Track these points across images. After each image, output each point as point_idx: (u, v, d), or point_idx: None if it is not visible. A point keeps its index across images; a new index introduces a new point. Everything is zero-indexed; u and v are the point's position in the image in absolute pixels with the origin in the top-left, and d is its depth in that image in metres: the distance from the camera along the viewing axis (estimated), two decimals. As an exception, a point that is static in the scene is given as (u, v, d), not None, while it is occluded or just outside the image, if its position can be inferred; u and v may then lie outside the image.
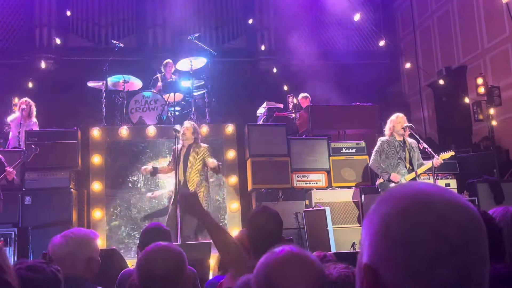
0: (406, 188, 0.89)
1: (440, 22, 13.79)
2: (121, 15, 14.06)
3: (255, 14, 14.30)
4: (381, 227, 0.86)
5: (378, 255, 0.86)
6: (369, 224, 0.90)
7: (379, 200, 0.91)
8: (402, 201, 0.86)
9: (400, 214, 0.85)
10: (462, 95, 11.73)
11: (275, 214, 3.02)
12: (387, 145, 6.83)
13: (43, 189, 7.34)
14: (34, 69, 12.84)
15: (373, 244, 0.87)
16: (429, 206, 0.84)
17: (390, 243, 0.84)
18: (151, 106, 8.43)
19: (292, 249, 1.46)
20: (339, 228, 7.45)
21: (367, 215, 0.92)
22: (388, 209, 0.87)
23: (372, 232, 0.88)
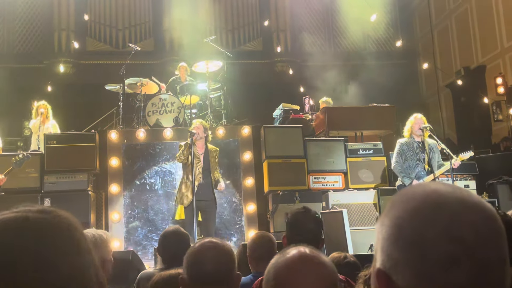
0: (417, 188, 0.87)
1: (458, 22, 13.64)
2: (138, 18, 14.19)
3: (271, 16, 14.31)
4: (393, 230, 0.84)
5: (390, 259, 0.83)
6: (381, 227, 0.87)
7: (391, 202, 0.89)
8: (412, 202, 0.84)
9: (411, 216, 0.82)
10: (481, 95, 11.58)
11: (315, 214, 3.01)
12: (406, 147, 6.78)
13: (62, 192, 7.41)
14: (53, 73, 13.03)
15: (385, 248, 0.84)
16: (441, 206, 0.81)
17: (402, 246, 0.81)
18: (168, 109, 8.47)
19: (304, 250, 1.44)
20: (357, 230, 7.38)
21: (379, 218, 0.90)
22: (399, 212, 0.85)
23: (384, 236, 0.85)
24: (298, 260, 1.40)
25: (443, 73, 13.57)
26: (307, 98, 10.43)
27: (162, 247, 3.31)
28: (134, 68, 9.61)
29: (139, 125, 8.42)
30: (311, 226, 2.92)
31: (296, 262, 1.40)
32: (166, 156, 8.21)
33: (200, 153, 6.74)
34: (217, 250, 2.02)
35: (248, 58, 13.83)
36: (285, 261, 1.41)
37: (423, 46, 15.27)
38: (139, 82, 8.66)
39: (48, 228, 0.92)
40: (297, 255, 1.42)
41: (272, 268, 1.43)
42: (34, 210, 0.96)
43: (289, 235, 2.94)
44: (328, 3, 14.57)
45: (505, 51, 11.82)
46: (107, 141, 8.11)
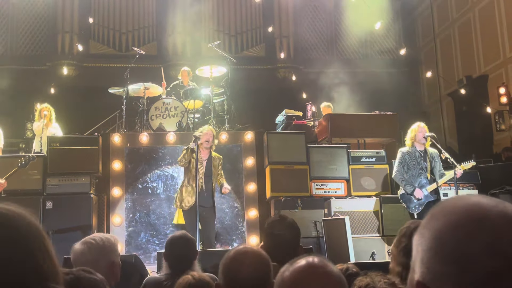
0: (458, 201, 0.86)
1: (461, 31, 13.68)
2: (141, 22, 14.21)
3: (274, 22, 14.35)
4: (433, 243, 0.83)
5: (431, 272, 0.83)
6: (421, 239, 0.87)
7: (430, 214, 0.88)
8: (454, 216, 0.83)
9: (452, 229, 0.82)
10: (483, 105, 11.60)
11: (291, 222, 2.99)
12: (408, 156, 6.78)
13: (64, 194, 7.40)
14: (56, 75, 13.04)
15: (425, 261, 0.84)
16: (483, 220, 0.80)
17: (443, 260, 0.81)
18: (171, 113, 8.48)
19: (312, 260, 1.43)
20: (358, 238, 7.38)
21: (418, 230, 0.89)
22: (440, 224, 0.84)
23: (424, 248, 0.85)
24: (305, 270, 1.39)
25: (445, 81, 13.60)
26: (309, 104, 10.44)
27: (169, 252, 3.31)
28: (137, 72, 9.61)
29: (142, 129, 8.42)
30: (287, 234, 2.91)
31: (303, 272, 1.39)
32: (169, 160, 8.20)
33: (204, 159, 6.75)
34: (255, 257, 2.01)
35: (251, 64, 13.85)
36: (293, 272, 1.40)
37: (425, 54, 15.31)
38: (143, 86, 8.67)
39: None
40: (304, 265, 1.41)
41: (279, 279, 1.42)
42: None
43: (266, 244, 2.93)
44: (331, 10, 14.62)
45: (508, 61, 11.85)
46: (110, 144, 8.11)
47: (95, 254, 2.49)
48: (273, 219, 3.01)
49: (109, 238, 3.00)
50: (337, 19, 14.80)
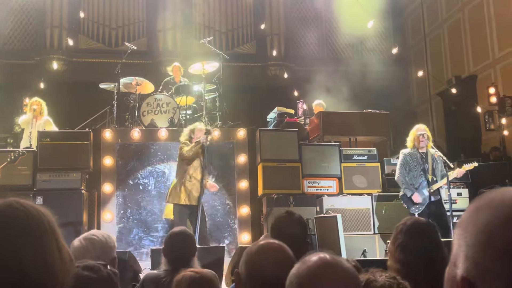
0: (505, 194, 0.83)
1: (451, 31, 13.78)
2: (131, 18, 14.11)
3: (266, 19, 14.32)
4: (481, 238, 0.80)
5: (478, 268, 0.80)
6: (465, 233, 0.84)
7: (474, 208, 0.85)
8: (504, 209, 0.80)
9: (503, 223, 0.79)
10: (472, 104, 11.70)
11: (299, 218, 3.00)
12: (409, 157, 6.84)
13: (54, 190, 7.32)
14: (45, 70, 12.90)
15: (471, 256, 0.81)
16: None
17: (494, 254, 0.78)
18: (163, 109, 8.43)
19: (325, 257, 1.42)
20: (350, 236, 7.41)
21: (460, 224, 0.86)
22: (488, 218, 0.81)
23: (470, 243, 0.82)
24: (321, 268, 1.38)
25: (435, 80, 13.69)
26: (300, 102, 10.44)
27: (168, 248, 3.28)
28: (127, 68, 9.54)
29: (133, 125, 8.37)
30: (295, 230, 2.91)
31: (319, 269, 1.37)
32: (160, 156, 8.16)
33: (202, 156, 6.74)
34: (279, 252, 1.98)
35: (242, 61, 13.82)
36: (308, 270, 1.39)
37: (415, 54, 15.39)
38: (134, 81, 8.60)
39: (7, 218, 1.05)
40: (320, 262, 1.40)
41: (294, 278, 1.40)
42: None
43: (274, 239, 2.92)
44: (322, 9, 14.64)
45: (497, 61, 11.96)
46: (101, 140, 8.04)
47: (99, 250, 2.47)
48: (281, 215, 3.01)
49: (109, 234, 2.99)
50: (329, 17, 14.82)
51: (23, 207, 1.08)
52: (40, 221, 1.09)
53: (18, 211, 1.07)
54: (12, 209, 1.07)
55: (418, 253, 2.66)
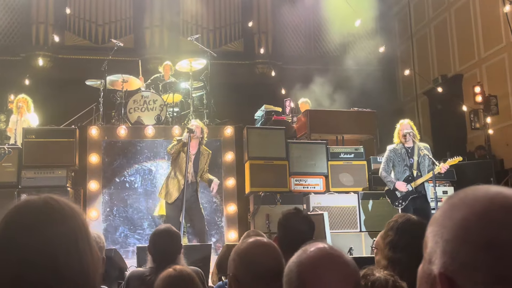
0: (478, 191, 0.85)
1: (437, 31, 13.89)
2: (118, 14, 14.01)
3: (253, 17, 14.31)
4: (459, 233, 0.82)
5: (455, 262, 0.81)
6: (441, 230, 0.85)
7: (450, 205, 0.87)
8: (479, 205, 0.82)
9: (480, 218, 0.81)
10: (458, 103, 11.80)
11: (307, 216, 3.00)
12: (393, 153, 6.86)
13: (40, 187, 7.22)
14: (31, 66, 12.77)
15: (449, 251, 0.82)
16: (510, 208, 0.80)
17: (472, 248, 0.79)
18: (150, 106, 8.38)
19: (325, 247, 1.42)
20: (336, 233, 7.43)
21: (434, 221, 0.88)
22: (464, 213, 0.83)
23: (447, 238, 0.83)
24: (323, 258, 1.37)
25: (421, 79, 13.78)
26: (288, 100, 10.45)
27: (153, 246, 3.27)
28: (114, 65, 9.46)
29: (120, 122, 8.31)
30: (303, 227, 2.92)
31: (321, 260, 1.37)
32: (147, 154, 8.12)
33: (192, 153, 6.70)
34: (272, 247, 1.98)
35: (229, 59, 13.79)
36: (309, 259, 1.38)
37: (402, 53, 15.48)
38: (121, 79, 8.54)
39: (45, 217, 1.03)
40: (321, 253, 1.39)
41: (295, 267, 1.40)
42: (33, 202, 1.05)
43: (281, 236, 2.93)
44: (310, 7, 14.64)
45: (482, 61, 12.08)
46: (87, 137, 7.98)
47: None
48: (289, 211, 3.01)
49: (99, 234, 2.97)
50: (316, 15, 14.84)
51: (59, 206, 1.07)
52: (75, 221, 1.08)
53: (55, 210, 1.06)
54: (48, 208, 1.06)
55: (408, 252, 2.66)
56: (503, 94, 11.08)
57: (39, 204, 1.06)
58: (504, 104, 10.97)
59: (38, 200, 1.08)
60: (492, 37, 11.62)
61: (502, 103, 10.91)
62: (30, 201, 1.07)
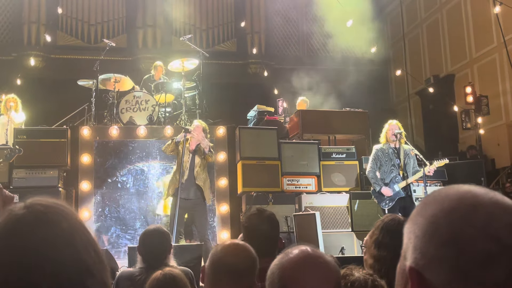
0: (450, 189, 0.89)
1: (429, 31, 13.95)
2: (111, 14, 13.98)
3: (246, 17, 14.32)
4: (428, 228, 0.85)
5: (424, 257, 0.84)
6: (414, 226, 0.88)
7: (423, 203, 0.90)
8: (448, 202, 0.85)
9: (447, 214, 0.84)
10: (449, 104, 11.86)
11: (270, 215, 3.00)
12: (381, 152, 6.86)
13: (31, 188, 7.20)
14: (23, 66, 12.72)
15: (419, 246, 0.85)
16: (477, 206, 0.83)
17: (438, 244, 0.83)
18: (142, 107, 8.37)
19: (307, 250, 1.44)
20: (328, 233, 7.45)
21: (410, 219, 0.91)
22: (434, 210, 0.86)
23: (418, 234, 0.86)
24: (304, 260, 1.40)
25: (413, 80, 13.84)
26: (280, 100, 10.47)
27: (142, 246, 3.27)
28: (106, 65, 9.45)
29: (112, 122, 8.30)
30: (266, 227, 2.92)
31: (302, 262, 1.39)
32: (139, 154, 8.11)
33: (191, 152, 6.71)
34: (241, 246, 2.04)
35: (222, 59, 13.80)
36: (290, 262, 1.41)
37: (394, 53, 15.54)
38: (113, 78, 8.53)
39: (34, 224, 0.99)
40: (302, 255, 1.42)
41: (276, 269, 1.42)
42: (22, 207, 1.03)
43: (245, 238, 2.94)
44: (303, 7, 14.68)
45: (474, 61, 12.14)
46: (79, 137, 7.96)
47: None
48: (251, 212, 3.02)
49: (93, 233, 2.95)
50: (309, 16, 14.87)
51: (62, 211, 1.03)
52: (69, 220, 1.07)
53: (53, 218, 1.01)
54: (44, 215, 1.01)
55: (391, 250, 2.70)
56: (494, 94, 11.15)
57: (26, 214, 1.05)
58: (495, 104, 11.03)
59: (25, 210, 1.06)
60: (484, 37, 11.69)
61: (493, 103, 10.98)
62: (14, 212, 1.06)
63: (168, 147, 6.70)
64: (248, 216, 3.07)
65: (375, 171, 6.84)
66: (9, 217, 1.01)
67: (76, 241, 1.02)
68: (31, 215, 1.01)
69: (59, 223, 1.01)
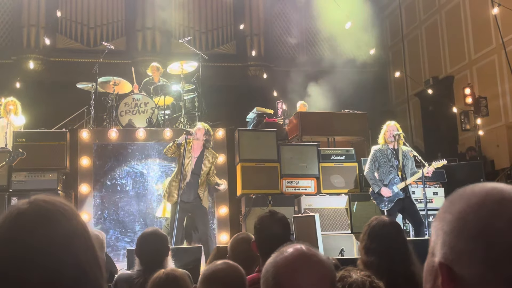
0: (475, 187, 0.91)
1: (428, 33, 13.96)
2: (110, 17, 14.00)
3: (245, 19, 14.33)
4: (457, 224, 0.87)
5: (454, 252, 0.86)
6: (442, 223, 0.90)
7: (449, 201, 0.92)
8: (475, 198, 0.88)
9: (476, 209, 0.86)
10: (448, 105, 11.87)
11: (282, 217, 3.02)
12: (379, 153, 6.86)
13: (30, 191, 7.18)
14: (22, 69, 12.73)
15: (448, 242, 0.87)
16: (504, 200, 0.86)
17: (468, 238, 0.85)
18: (141, 109, 8.38)
19: (302, 248, 1.45)
20: (328, 235, 7.45)
21: (437, 217, 0.93)
22: (461, 207, 0.88)
23: (446, 230, 0.88)
24: (298, 259, 1.40)
25: (413, 82, 13.85)
26: (280, 102, 10.49)
27: (140, 249, 3.27)
28: (105, 67, 9.47)
29: (111, 125, 8.30)
30: (278, 229, 2.94)
31: (296, 260, 1.40)
32: (138, 156, 8.12)
33: (194, 155, 6.69)
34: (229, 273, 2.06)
35: (221, 61, 13.82)
36: (285, 260, 1.41)
37: (393, 55, 15.55)
38: (112, 81, 8.54)
39: (36, 220, 1.00)
40: (296, 253, 1.42)
41: (271, 267, 1.42)
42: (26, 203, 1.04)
43: (257, 240, 2.96)
44: (302, 9, 14.69)
45: (473, 62, 12.15)
46: (78, 140, 7.96)
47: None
48: (264, 215, 3.03)
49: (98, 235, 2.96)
50: (308, 18, 14.87)
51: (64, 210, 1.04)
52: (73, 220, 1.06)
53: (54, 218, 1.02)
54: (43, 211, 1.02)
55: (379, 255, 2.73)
56: (493, 96, 11.16)
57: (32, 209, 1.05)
58: (494, 105, 11.04)
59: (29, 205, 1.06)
60: (483, 39, 11.70)
61: (492, 105, 10.98)
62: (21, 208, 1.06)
63: (170, 149, 6.68)
64: (261, 218, 3.08)
65: (373, 171, 6.83)
66: (12, 211, 1.02)
67: (74, 242, 1.02)
68: (33, 211, 1.02)
69: (59, 222, 1.02)
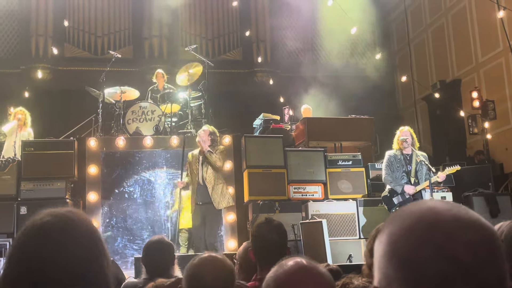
0: (414, 206, 0.86)
1: (435, 36, 13.93)
2: (117, 26, 14.10)
3: (251, 26, 14.39)
4: (388, 248, 0.83)
5: (385, 277, 0.82)
6: (378, 245, 0.86)
7: (389, 219, 0.88)
8: (408, 220, 0.82)
9: (406, 234, 0.81)
10: (456, 109, 11.83)
11: (279, 225, 3.03)
12: (393, 158, 6.87)
13: (39, 199, 7.25)
14: (30, 78, 12.85)
15: (381, 266, 0.83)
16: (436, 224, 0.80)
17: (396, 265, 0.80)
18: (148, 117, 8.43)
19: (302, 262, 1.45)
20: (335, 240, 7.43)
21: (379, 235, 0.89)
22: (395, 229, 0.83)
23: (381, 253, 0.84)
24: (298, 272, 1.41)
25: (420, 86, 13.81)
26: (286, 108, 10.50)
27: (145, 257, 3.29)
28: (113, 76, 9.52)
29: (118, 133, 8.35)
30: (274, 237, 2.95)
31: (297, 273, 1.40)
32: (145, 164, 8.15)
33: (200, 161, 6.77)
34: (216, 265, 2.03)
35: (228, 68, 13.87)
36: (285, 273, 1.42)
37: (400, 59, 15.53)
38: (119, 91, 8.59)
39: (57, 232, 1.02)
40: (296, 266, 1.43)
41: (271, 281, 1.43)
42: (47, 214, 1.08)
43: (254, 247, 2.97)
44: (308, 15, 14.70)
45: (480, 65, 12.10)
46: (86, 148, 8.01)
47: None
48: (260, 222, 3.05)
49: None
50: (314, 24, 14.90)
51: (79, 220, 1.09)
52: (94, 234, 1.10)
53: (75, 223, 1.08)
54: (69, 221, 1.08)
55: None
56: (501, 99, 11.10)
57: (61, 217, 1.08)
58: (502, 108, 10.98)
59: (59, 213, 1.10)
60: (489, 42, 11.66)
61: (500, 108, 10.92)
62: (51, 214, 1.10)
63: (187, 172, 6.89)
64: (257, 225, 3.10)
65: (391, 175, 6.83)
66: (33, 221, 1.06)
67: (89, 257, 1.05)
68: (53, 223, 1.05)
69: (76, 238, 1.05)
